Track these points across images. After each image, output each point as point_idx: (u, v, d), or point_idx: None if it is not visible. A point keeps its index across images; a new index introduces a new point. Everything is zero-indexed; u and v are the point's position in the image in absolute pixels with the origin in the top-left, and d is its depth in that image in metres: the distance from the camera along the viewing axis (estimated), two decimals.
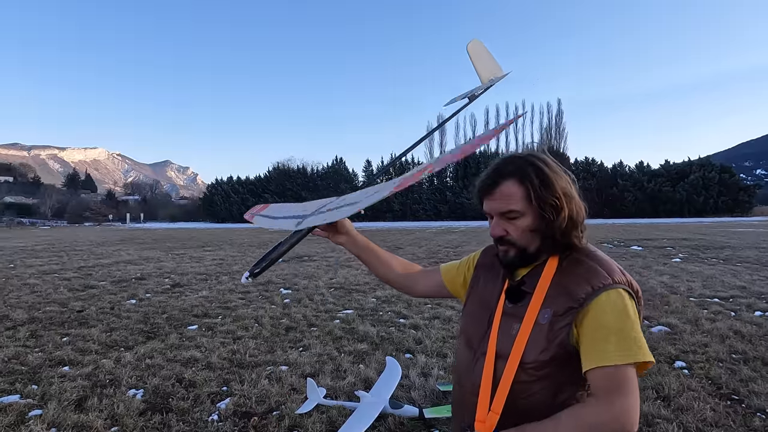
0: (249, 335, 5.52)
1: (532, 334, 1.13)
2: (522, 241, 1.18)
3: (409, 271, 1.59)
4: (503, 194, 1.17)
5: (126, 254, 16.76)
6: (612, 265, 1.15)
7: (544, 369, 1.11)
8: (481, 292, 1.32)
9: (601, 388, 1.05)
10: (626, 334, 1.05)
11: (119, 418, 3.37)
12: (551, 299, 1.14)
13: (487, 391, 1.16)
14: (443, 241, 23.37)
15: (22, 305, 7.38)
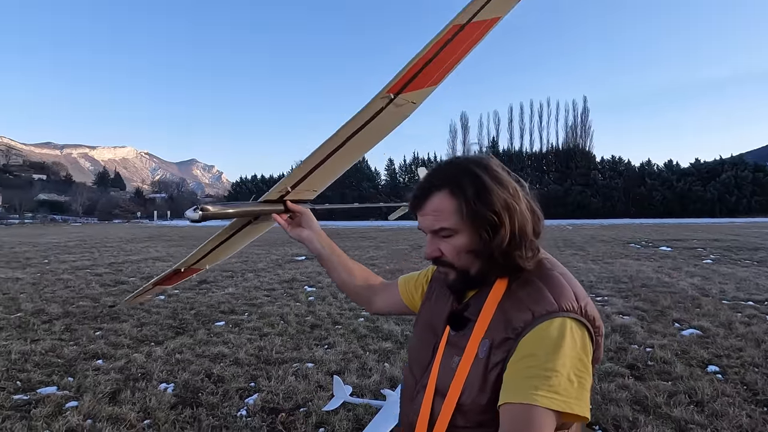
0: (275, 332, 5.59)
1: (471, 370, 0.96)
2: (459, 263, 1.02)
3: (371, 283, 1.44)
4: (433, 209, 1.01)
5: (154, 251, 17.14)
6: (562, 287, 0.96)
7: (482, 415, 0.93)
8: (431, 311, 1.15)
9: (502, 429, 0.88)
10: (549, 372, 0.86)
11: (151, 411, 3.45)
12: (492, 328, 0.96)
13: (423, 430, 1.01)
14: None
15: (57, 300, 7.62)
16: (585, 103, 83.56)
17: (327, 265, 1.45)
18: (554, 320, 0.91)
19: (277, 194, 1.41)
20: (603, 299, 7.53)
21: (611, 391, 3.74)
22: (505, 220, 0.97)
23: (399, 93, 1.12)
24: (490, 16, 1.03)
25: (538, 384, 0.86)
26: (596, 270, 11.01)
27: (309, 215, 1.45)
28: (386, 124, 1.23)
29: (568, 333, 0.90)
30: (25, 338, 5.31)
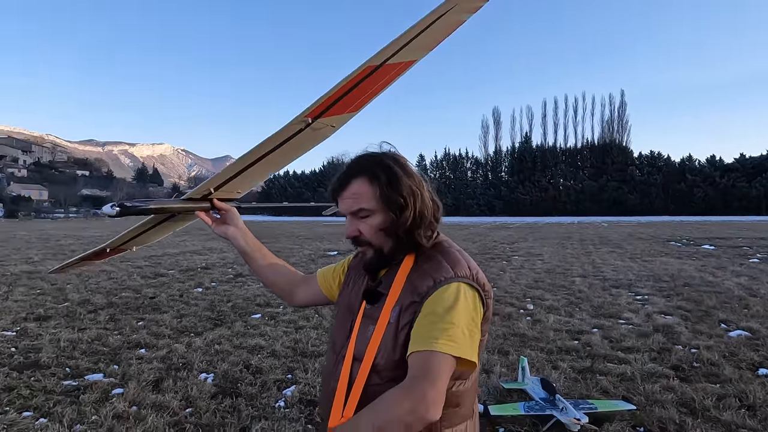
0: (310, 325, 5.64)
1: (384, 335, 1.11)
2: (375, 241, 1.18)
3: (291, 278, 1.53)
4: (353, 193, 1.17)
5: (191, 245, 17.56)
6: (457, 259, 1.15)
7: (395, 371, 1.07)
8: (347, 296, 1.29)
9: (409, 375, 1.01)
10: (447, 324, 1.03)
11: (193, 400, 3.53)
12: (401, 297, 1.13)
13: (342, 394, 1.13)
14: (498, 236, 22.95)
15: (101, 290, 7.90)
16: (622, 97, 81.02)
17: (250, 262, 1.53)
18: (451, 284, 1.09)
19: (200, 194, 1.50)
20: (643, 298, 7.30)
21: (656, 392, 3.62)
22: (410, 203, 1.15)
23: (317, 118, 1.24)
24: (406, 58, 1.15)
25: (438, 335, 1.02)
26: (635, 268, 10.70)
27: (234, 213, 1.53)
28: (305, 143, 1.36)
29: (461, 294, 1.08)
30: (72, 327, 5.52)
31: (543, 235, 24.18)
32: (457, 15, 1.06)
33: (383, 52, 1.11)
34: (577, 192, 73.49)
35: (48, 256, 13.33)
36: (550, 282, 8.92)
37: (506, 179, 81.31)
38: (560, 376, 4.02)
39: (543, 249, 15.89)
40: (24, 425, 3.12)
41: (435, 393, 0.97)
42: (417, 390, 0.97)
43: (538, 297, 7.44)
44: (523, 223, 43.36)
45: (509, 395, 3.64)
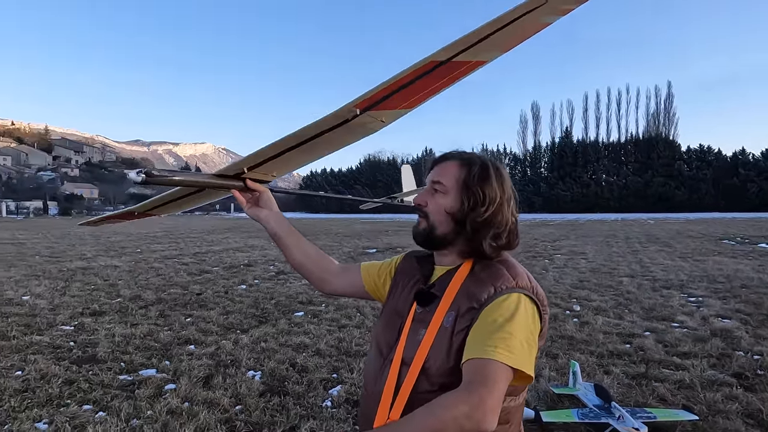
0: (353, 324, 5.66)
1: (436, 339, 1.09)
2: (434, 217, 1.19)
3: (326, 265, 1.50)
4: (442, 168, 1.22)
5: (234, 242, 18.00)
6: (519, 270, 1.14)
7: (448, 377, 1.05)
8: (396, 300, 1.27)
9: (465, 381, 0.99)
10: (506, 334, 1.01)
11: (242, 397, 3.59)
12: (457, 303, 1.11)
13: (389, 398, 1.11)
14: (539, 234, 22.48)
15: (151, 287, 8.18)
16: (669, 88, 77.68)
17: (283, 246, 1.49)
18: (511, 294, 1.07)
19: (233, 171, 1.45)
20: (697, 300, 6.98)
21: (718, 401, 3.44)
22: (488, 206, 1.15)
23: (367, 110, 1.18)
24: (475, 58, 1.08)
25: (496, 343, 0.99)
26: (686, 268, 10.25)
27: (268, 195, 1.49)
28: (350, 135, 1.30)
29: (522, 306, 1.06)
30: (125, 322, 5.73)
31: (585, 232, 23.52)
32: (542, 16, 0.96)
33: (451, 48, 1.03)
34: (620, 188, 71.15)
35: (100, 252, 13.92)
36: (596, 282, 8.65)
37: (546, 175, 79.54)
38: (613, 381, 3.87)
39: (586, 247, 15.45)
40: (85, 418, 3.24)
41: (493, 401, 0.95)
42: (475, 395, 0.94)
43: (584, 298, 7.22)
44: (563, 220, 42.33)
45: (560, 401, 3.54)
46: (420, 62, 1.07)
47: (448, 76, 1.13)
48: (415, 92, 1.17)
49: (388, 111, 1.22)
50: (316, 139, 1.29)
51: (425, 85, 1.15)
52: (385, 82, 1.11)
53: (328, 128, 1.24)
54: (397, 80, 1.10)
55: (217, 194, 1.62)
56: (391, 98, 1.17)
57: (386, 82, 1.11)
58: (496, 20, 0.96)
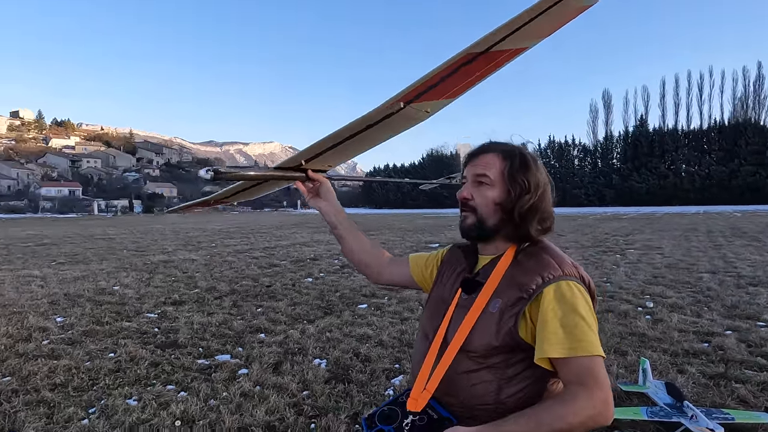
0: (414, 317, 5.73)
1: (479, 322, 1.14)
2: (482, 210, 1.21)
3: (379, 257, 1.57)
4: (483, 161, 1.23)
5: (300, 237, 18.60)
6: (564, 258, 1.17)
7: (491, 358, 1.11)
8: (441, 288, 1.33)
9: (573, 381, 1.04)
10: (583, 324, 1.05)
11: (309, 383, 3.77)
12: (502, 290, 1.15)
13: (427, 371, 1.17)
14: (610, 228, 21.47)
15: (225, 279, 8.67)
16: (759, 69, 70.99)
17: (340, 237, 1.58)
18: (561, 283, 1.10)
19: (292, 164, 1.54)
20: None
21: None
22: (533, 192, 1.19)
23: (410, 103, 1.23)
24: (515, 45, 1.08)
25: (581, 337, 1.04)
26: None
27: (328, 187, 1.58)
28: (398, 125, 1.36)
29: (576, 292, 1.10)
30: (203, 311, 6.14)
31: (662, 226, 22.17)
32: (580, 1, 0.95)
33: (488, 38, 1.04)
34: (702, 178, 66.21)
35: (179, 247, 14.89)
36: (672, 278, 8.18)
37: (618, 166, 75.53)
38: (687, 381, 3.69)
39: (662, 241, 14.59)
40: (168, 397, 3.54)
41: (608, 395, 1.02)
42: (594, 397, 1.01)
43: (658, 294, 6.86)
44: (638, 213, 40.11)
45: (628, 398, 3.42)
46: (458, 54, 1.09)
47: (487, 66, 1.15)
48: (457, 82, 1.20)
49: (431, 101, 1.27)
50: (367, 131, 1.36)
51: (465, 76, 1.18)
52: (425, 76, 1.15)
53: (376, 121, 1.31)
54: (437, 73, 1.13)
55: (279, 184, 1.77)
56: (434, 89, 1.21)
57: (427, 75, 1.14)
58: (535, 7, 0.96)
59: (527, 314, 1.11)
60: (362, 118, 1.30)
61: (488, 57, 1.10)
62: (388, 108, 1.24)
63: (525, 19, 0.99)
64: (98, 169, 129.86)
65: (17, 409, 3.32)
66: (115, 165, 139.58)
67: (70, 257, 12.57)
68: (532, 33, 1.05)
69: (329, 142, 1.43)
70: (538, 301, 1.10)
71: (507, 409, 1.10)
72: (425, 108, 1.29)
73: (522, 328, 1.11)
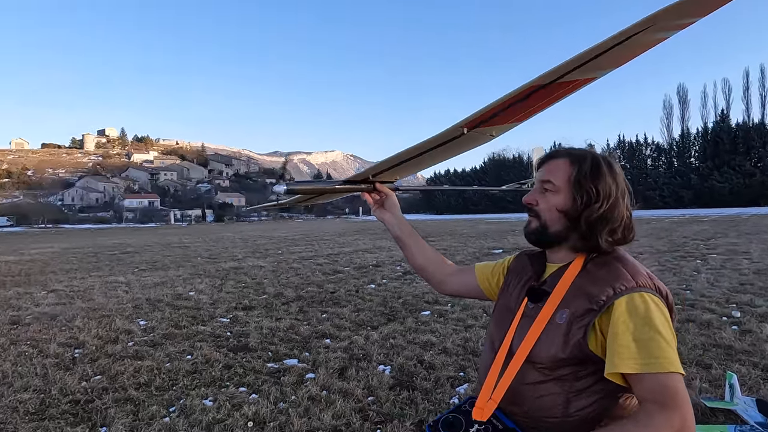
0: (479, 325, 5.64)
1: (545, 333, 1.10)
2: (546, 216, 1.18)
3: (444, 267, 1.58)
4: (551, 166, 1.20)
5: (362, 243, 18.84)
6: (637, 268, 1.11)
7: (558, 370, 1.08)
8: (507, 297, 1.31)
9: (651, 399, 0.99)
10: (660, 340, 1.00)
11: (373, 389, 3.81)
12: (570, 300, 1.11)
13: (492, 380, 1.15)
14: (689, 231, 20.12)
15: (291, 285, 8.95)
16: None
17: (405, 248, 1.61)
18: (634, 295, 1.04)
19: (361, 178, 1.62)
20: None
21: None
22: (602, 201, 1.14)
23: (474, 128, 1.26)
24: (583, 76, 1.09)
25: (657, 353, 0.99)
26: None
27: (394, 199, 1.63)
28: (463, 146, 1.40)
29: (651, 305, 1.04)
30: (271, 317, 6.36)
31: (749, 229, 20.49)
32: (655, 34, 0.93)
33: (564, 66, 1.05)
34: None
35: (248, 254, 15.53)
36: (762, 285, 7.54)
37: (697, 165, 70.72)
38: None
39: (750, 246, 13.47)
40: (241, 398, 3.70)
41: (689, 412, 0.98)
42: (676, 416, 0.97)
43: (746, 303, 6.35)
44: (720, 215, 37.30)
45: (714, 415, 3.18)
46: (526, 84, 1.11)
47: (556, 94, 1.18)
48: (524, 109, 1.23)
49: (497, 126, 1.30)
50: (431, 152, 1.42)
51: (533, 102, 1.21)
52: (491, 104, 1.18)
53: (439, 144, 1.36)
54: (505, 100, 1.16)
55: (342, 193, 1.86)
56: (499, 116, 1.24)
57: (493, 103, 1.18)
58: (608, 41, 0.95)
59: (597, 326, 1.07)
60: (425, 142, 1.36)
61: (557, 86, 1.12)
62: (450, 133, 1.28)
63: (596, 53, 0.99)
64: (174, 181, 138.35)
65: (107, 405, 3.60)
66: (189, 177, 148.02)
67: (150, 264, 13.44)
68: (604, 63, 1.05)
69: (394, 161, 1.51)
70: (608, 313, 1.05)
71: (574, 422, 1.07)
72: (490, 132, 1.33)
73: (592, 341, 1.07)
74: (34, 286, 9.66)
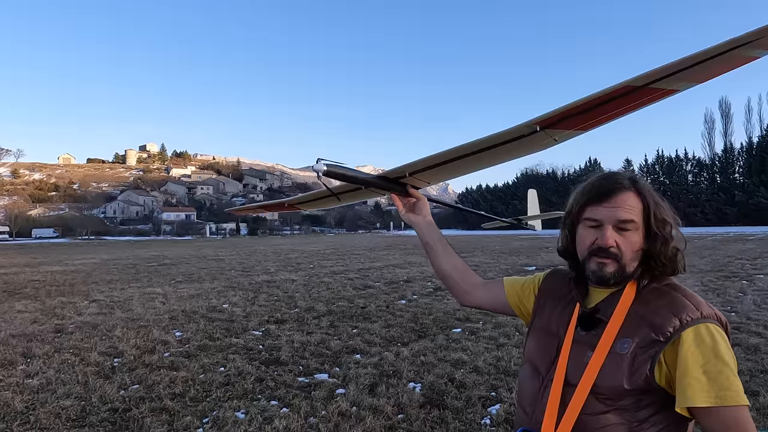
0: (511, 343, 5.55)
1: (607, 363, 1.08)
2: (627, 257, 1.12)
3: (470, 278, 1.53)
4: (624, 201, 1.12)
5: (393, 258, 18.83)
6: (697, 298, 1.09)
7: (622, 400, 1.06)
8: (547, 319, 1.26)
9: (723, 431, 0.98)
10: (729, 372, 0.99)
11: (404, 407, 3.78)
12: (630, 329, 1.09)
13: (553, 416, 1.10)
14: (733, 251, 19.31)
15: (322, 299, 9.01)
16: None
17: (432, 254, 1.56)
18: (700, 326, 1.03)
19: (395, 175, 1.53)
20: None
21: None
22: (672, 233, 1.13)
23: (546, 128, 1.20)
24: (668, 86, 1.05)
25: (728, 385, 0.97)
26: None
27: (424, 202, 1.57)
28: (521, 149, 1.32)
29: (718, 336, 1.02)
30: (302, 330, 6.42)
31: None
32: (750, 51, 0.92)
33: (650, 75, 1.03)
34: None
35: (281, 268, 15.73)
36: None
37: (742, 182, 68.03)
38: None
39: None
40: (272, 412, 3.73)
41: None
42: None
43: None
44: (766, 234, 35.65)
45: None
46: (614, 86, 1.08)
47: (634, 102, 1.13)
48: (596, 116, 1.18)
49: (563, 131, 1.25)
50: (484, 152, 1.36)
51: (607, 110, 1.16)
52: (571, 103, 1.14)
53: (502, 142, 1.29)
54: (582, 103, 1.12)
55: (354, 198, 1.80)
56: (571, 119, 1.19)
57: (572, 103, 1.14)
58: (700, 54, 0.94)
59: (663, 358, 1.05)
60: (489, 138, 1.30)
61: (641, 94, 1.09)
62: (521, 130, 1.23)
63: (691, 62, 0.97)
64: (210, 195, 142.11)
65: (144, 415, 3.69)
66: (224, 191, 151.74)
67: (186, 276, 13.78)
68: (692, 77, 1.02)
69: (440, 159, 1.44)
70: (675, 345, 1.04)
71: None
72: (555, 135, 1.27)
73: (657, 373, 1.05)
74: (77, 295, 10.04)
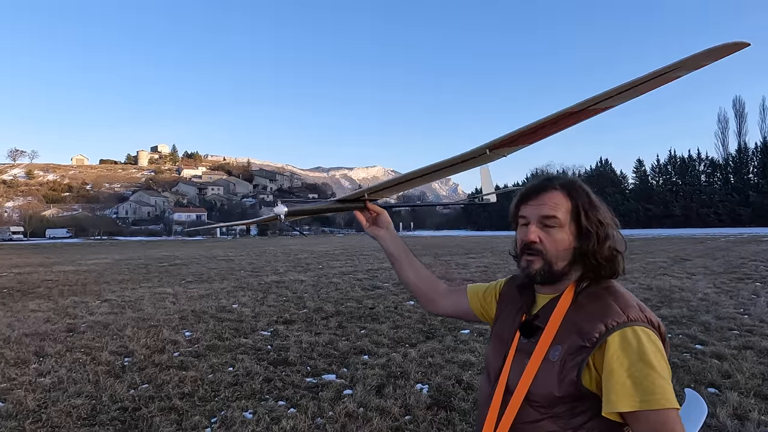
0: None
1: (540, 371, 1.09)
2: (551, 254, 1.14)
3: (435, 286, 1.56)
4: (551, 200, 1.15)
5: None
6: (629, 301, 1.09)
7: (555, 407, 1.06)
8: (500, 325, 1.29)
9: None
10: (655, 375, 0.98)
11: (411, 408, 3.78)
12: (563, 336, 1.09)
13: (492, 424, 1.13)
14: (747, 252, 19.04)
15: (330, 300, 9.03)
16: None
17: (396, 264, 1.60)
18: (626, 330, 1.03)
19: (354, 197, 1.66)
20: None
21: None
22: (609, 233, 1.14)
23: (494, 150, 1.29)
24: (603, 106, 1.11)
25: (654, 389, 0.97)
26: None
27: (386, 216, 1.62)
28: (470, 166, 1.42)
29: (646, 339, 1.02)
30: (310, 331, 6.44)
31: None
32: (676, 72, 0.97)
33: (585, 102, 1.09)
34: None
35: (290, 268, 15.80)
36: None
37: (756, 182, 67.06)
38: None
39: None
40: (280, 412, 3.75)
41: None
42: None
43: None
44: None
45: None
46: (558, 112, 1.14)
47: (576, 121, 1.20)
48: (540, 135, 1.26)
49: (510, 148, 1.33)
50: (440, 171, 1.46)
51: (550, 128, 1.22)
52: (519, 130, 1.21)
53: (460, 162, 1.39)
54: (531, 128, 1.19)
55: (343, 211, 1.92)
56: (517, 140, 1.27)
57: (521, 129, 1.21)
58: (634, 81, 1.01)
59: (591, 363, 1.05)
60: (446, 161, 1.40)
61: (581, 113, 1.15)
62: (474, 154, 1.32)
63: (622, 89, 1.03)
64: (220, 195, 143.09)
65: (153, 414, 3.72)
66: (234, 191, 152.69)
67: (197, 276, 13.89)
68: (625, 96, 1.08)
69: (399, 180, 1.54)
70: (602, 350, 1.04)
71: None
72: (503, 153, 1.35)
73: (586, 378, 1.06)
74: (89, 295, 10.16)
